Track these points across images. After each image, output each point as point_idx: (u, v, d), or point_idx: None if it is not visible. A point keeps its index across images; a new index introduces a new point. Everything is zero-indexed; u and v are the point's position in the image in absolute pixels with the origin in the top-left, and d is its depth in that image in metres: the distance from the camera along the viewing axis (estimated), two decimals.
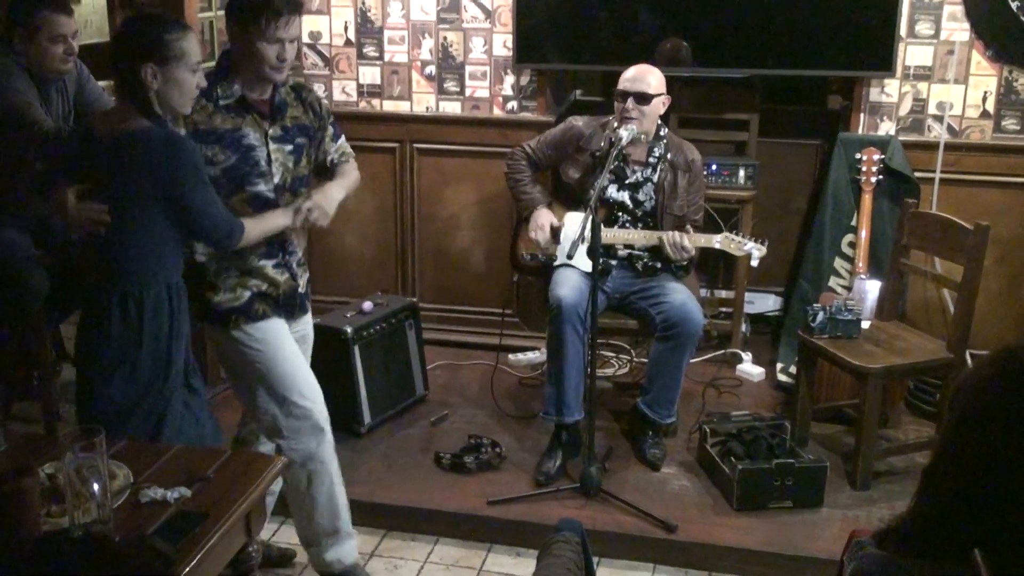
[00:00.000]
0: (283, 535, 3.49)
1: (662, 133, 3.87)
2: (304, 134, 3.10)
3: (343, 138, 3.25)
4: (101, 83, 4.03)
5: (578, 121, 3.97)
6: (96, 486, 1.99)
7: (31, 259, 3.71)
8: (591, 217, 3.32)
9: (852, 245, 4.42)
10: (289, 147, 3.04)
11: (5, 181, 3.66)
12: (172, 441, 2.65)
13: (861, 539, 1.71)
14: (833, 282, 4.45)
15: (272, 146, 2.99)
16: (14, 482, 1.92)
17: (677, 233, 3.65)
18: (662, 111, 3.80)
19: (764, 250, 3.69)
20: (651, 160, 3.85)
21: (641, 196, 3.86)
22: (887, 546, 1.56)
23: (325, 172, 3.22)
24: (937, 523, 1.49)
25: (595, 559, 3.19)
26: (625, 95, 3.72)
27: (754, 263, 3.73)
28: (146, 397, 2.72)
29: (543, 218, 3.87)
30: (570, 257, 3.34)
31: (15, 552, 1.91)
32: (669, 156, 3.85)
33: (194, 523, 2.11)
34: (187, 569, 1.99)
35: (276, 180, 3.01)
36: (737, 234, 3.78)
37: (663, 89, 3.76)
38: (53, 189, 2.78)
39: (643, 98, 3.70)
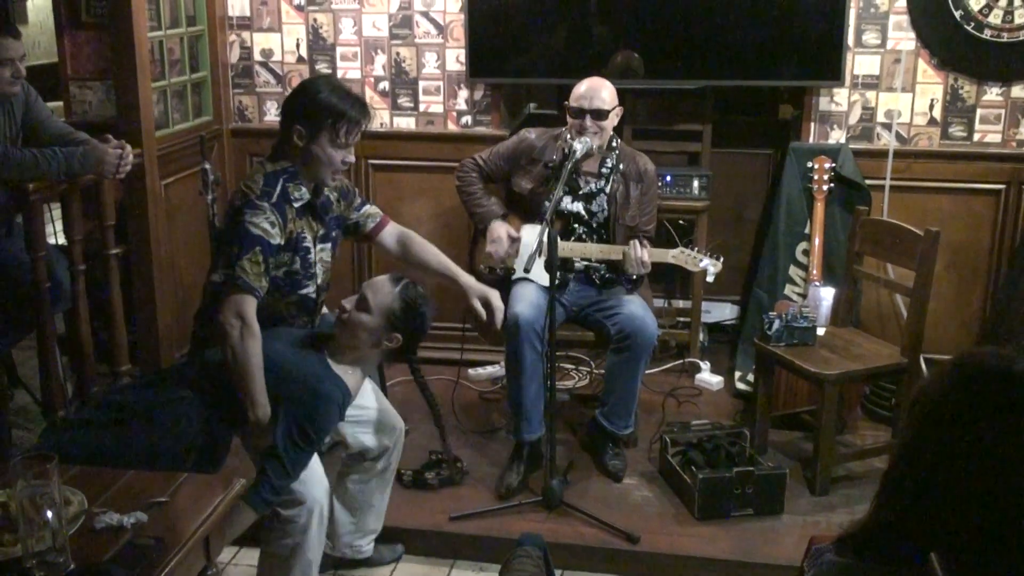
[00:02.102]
0: (244, 558, 3.45)
1: (614, 144, 3.89)
2: (338, 225, 3.18)
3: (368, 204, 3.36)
4: (49, 104, 3.98)
5: (531, 133, 3.98)
6: (50, 513, 1.95)
7: None
8: (547, 230, 3.32)
9: (806, 253, 4.46)
10: (328, 244, 3.11)
11: None
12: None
13: (820, 546, 1.73)
14: (788, 290, 4.49)
15: (318, 246, 3.04)
16: None
17: (639, 246, 3.66)
18: (616, 122, 3.82)
19: (720, 266, 3.71)
20: (603, 171, 3.86)
21: (594, 207, 3.87)
22: (846, 552, 1.58)
23: (360, 236, 3.36)
24: (895, 528, 1.51)
25: (558, 572, 3.19)
26: (581, 112, 3.72)
27: (710, 279, 3.75)
28: None
29: (499, 230, 3.87)
30: (527, 271, 3.35)
31: None
32: (621, 167, 3.86)
33: (152, 549, 2.08)
34: None
35: (319, 281, 3.07)
36: (692, 248, 3.80)
37: (616, 101, 3.78)
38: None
39: (599, 114, 3.71)
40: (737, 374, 4.58)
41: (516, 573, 1.91)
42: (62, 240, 4.00)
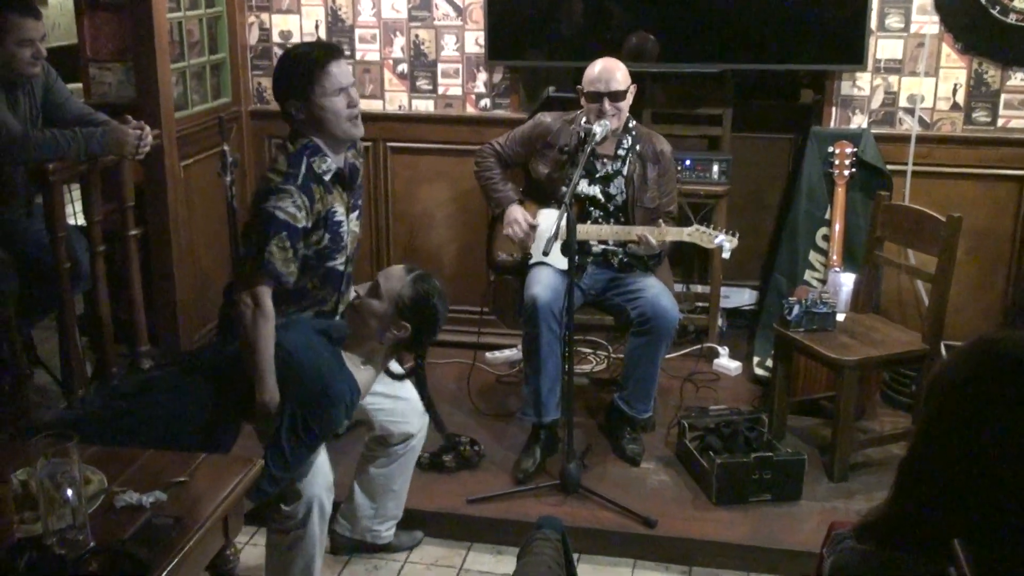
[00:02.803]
0: (261, 538, 3.45)
1: (631, 125, 3.87)
2: (362, 192, 3.18)
3: None
4: (69, 86, 3.98)
5: (547, 117, 3.96)
6: (70, 492, 1.96)
7: (1, 262, 3.66)
8: (566, 214, 3.31)
9: (826, 238, 4.43)
10: (357, 212, 3.09)
11: None
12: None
13: (840, 532, 1.72)
14: (808, 275, 4.46)
15: (350, 216, 3.04)
16: None
17: (648, 233, 3.64)
18: (631, 101, 3.80)
19: (735, 241, 3.69)
20: (620, 153, 3.84)
21: (612, 190, 3.85)
22: (866, 539, 1.56)
23: None
24: (916, 515, 1.49)
25: (575, 556, 3.18)
26: (599, 96, 3.70)
27: (725, 255, 3.73)
28: None
29: (516, 213, 3.86)
30: (546, 254, 3.33)
31: None
32: (638, 148, 3.84)
33: (171, 527, 2.08)
34: (165, 574, 1.97)
35: (348, 252, 3.06)
36: (708, 226, 3.78)
37: (629, 80, 3.75)
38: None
39: (617, 96, 3.69)
40: (755, 359, 4.56)
41: (535, 556, 1.91)
42: (82, 221, 4.02)
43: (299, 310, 3.07)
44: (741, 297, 5.09)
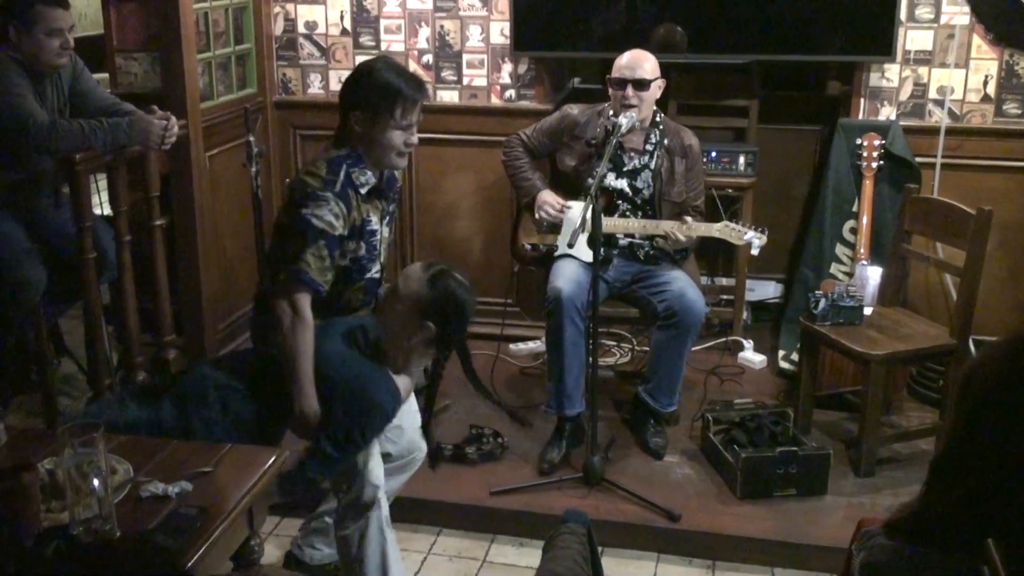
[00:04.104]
0: (285, 528, 3.47)
1: (658, 119, 3.85)
2: (396, 199, 3.13)
3: None
4: (95, 76, 3.99)
5: (573, 109, 3.94)
6: (96, 481, 1.96)
7: (29, 252, 3.69)
8: (591, 206, 3.29)
9: (853, 231, 4.39)
10: (388, 219, 3.06)
11: (2, 173, 3.64)
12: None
13: (870, 528, 1.70)
14: (834, 269, 4.43)
15: (384, 225, 3.01)
16: (15, 478, 1.90)
17: (676, 228, 3.62)
18: (658, 95, 3.78)
19: (764, 239, 3.67)
20: (648, 147, 3.82)
21: (639, 183, 3.84)
22: (897, 536, 1.55)
23: None
24: (949, 513, 1.48)
25: (599, 549, 3.18)
26: (623, 83, 3.69)
27: (754, 252, 3.70)
28: None
29: (548, 195, 3.85)
30: (571, 246, 3.32)
31: (16, 548, 1.89)
32: (666, 142, 3.82)
33: (196, 518, 2.09)
34: (190, 564, 1.97)
35: (382, 259, 3.04)
36: (737, 222, 3.75)
37: (658, 72, 3.73)
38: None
39: (641, 84, 3.68)
40: (781, 353, 4.53)
41: (560, 550, 1.90)
42: (108, 211, 4.04)
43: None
44: (766, 290, 5.06)
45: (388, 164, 2.96)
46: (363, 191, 2.91)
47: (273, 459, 2.38)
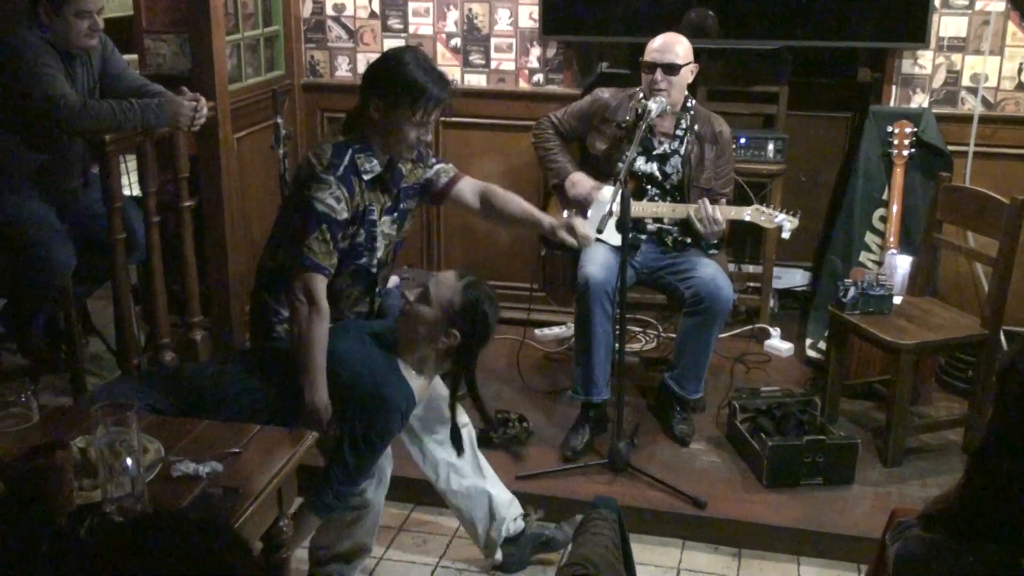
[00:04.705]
0: None
1: (689, 104, 3.82)
2: (409, 195, 3.08)
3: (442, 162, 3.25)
4: (125, 57, 4.00)
5: (604, 93, 3.92)
6: (129, 460, 1.97)
7: (59, 233, 3.71)
8: (621, 190, 3.27)
9: (883, 219, 4.36)
10: (394, 215, 3.03)
11: (32, 154, 3.65)
12: None
13: (905, 519, 1.69)
14: (864, 257, 4.39)
15: (383, 219, 2.98)
16: (49, 456, 1.91)
17: (708, 203, 3.61)
18: (690, 79, 3.75)
19: (796, 222, 3.65)
20: (678, 132, 3.80)
21: (668, 168, 3.82)
22: (934, 528, 1.54)
23: (438, 197, 3.23)
24: (988, 506, 1.46)
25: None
26: (653, 66, 3.67)
27: (785, 235, 3.69)
28: None
29: (580, 176, 3.84)
30: (600, 231, 3.30)
31: (49, 526, 1.90)
32: (696, 128, 3.80)
33: (227, 498, 2.10)
34: None
35: (379, 254, 3.01)
36: (768, 206, 3.73)
37: (690, 57, 3.70)
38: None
39: (671, 68, 3.65)
40: (808, 341, 4.50)
41: (592, 536, 1.90)
42: (136, 192, 4.05)
43: (338, 312, 3.02)
44: (793, 278, 5.03)
45: (396, 153, 2.95)
46: (366, 178, 2.90)
47: (302, 441, 2.38)
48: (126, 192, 4.04)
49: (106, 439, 1.98)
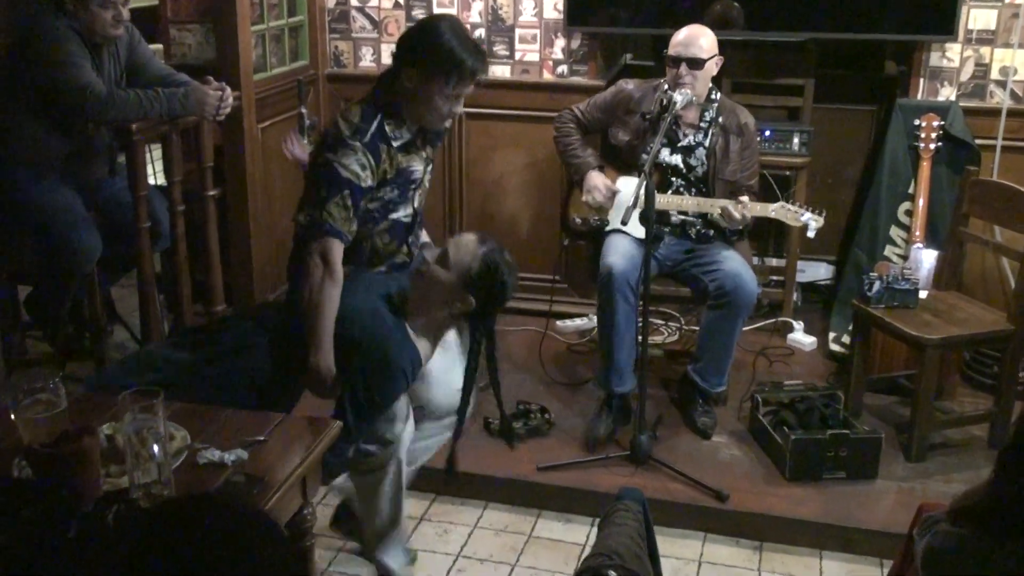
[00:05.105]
0: (334, 498, 3.49)
1: (714, 96, 3.80)
2: (432, 143, 3.07)
3: None
4: (150, 47, 4.02)
5: (628, 84, 3.91)
6: (156, 447, 1.98)
7: (85, 220, 3.73)
8: (646, 182, 3.26)
9: (909, 213, 4.33)
10: (431, 165, 3.03)
11: (59, 142, 3.67)
12: None
13: (933, 514, 1.68)
14: (889, 251, 4.37)
15: (427, 170, 2.99)
16: (77, 442, 1.92)
17: (731, 205, 3.59)
18: (715, 71, 3.73)
19: (822, 221, 3.63)
20: (703, 124, 3.78)
21: (693, 161, 3.80)
22: (963, 523, 1.53)
23: None
24: (1018, 502, 1.45)
25: None
26: (677, 60, 3.65)
27: (810, 234, 3.66)
28: None
29: (596, 179, 3.82)
30: (624, 223, 3.29)
31: (77, 511, 1.91)
32: (721, 120, 3.78)
33: (251, 485, 2.11)
34: None
35: (415, 204, 2.99)
36: (793, 203, 3.71)
37: (715, 50, 3.68)
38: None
39: (696, 63, 3.63)
40: (831, 335, 4.48)
41: (617, 527, 1.90)
42: (162, 181, 4.07)
43: (371, 265, 3.00)
44: (817, 271, 5.01)
45: (427, 124, 2.92)
46: (395, 144, 2.86)
47: (327, 430, 2.39)
48: (151, 181, 4.06)
49: (133, 426, 1.99)
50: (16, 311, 4.13)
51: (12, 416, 2.17)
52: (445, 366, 3.01)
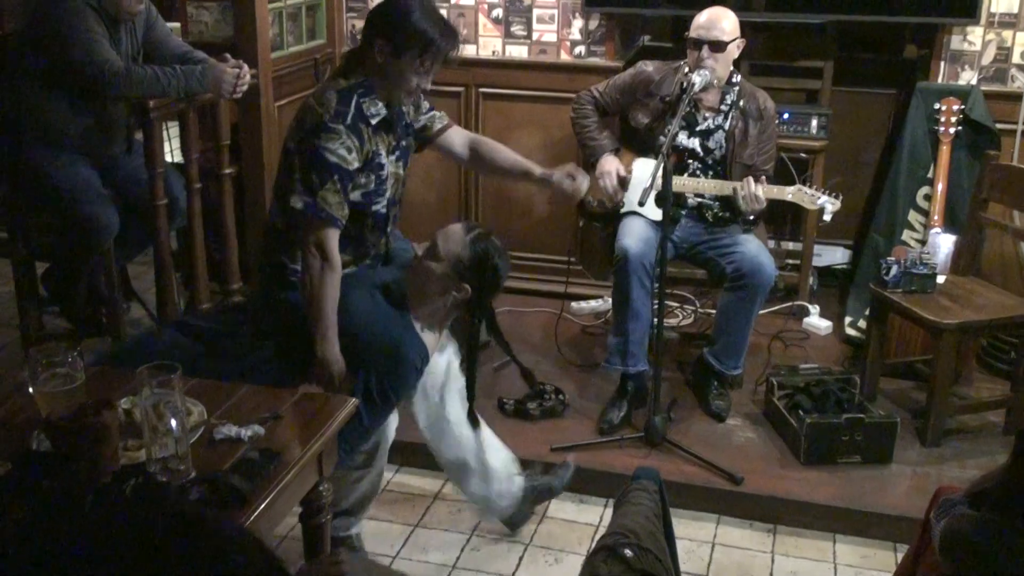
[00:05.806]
0: None
1: (735, 79, 3.78)
2: (408, 133, 3.04)
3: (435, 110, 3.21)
4: (168, 24, 4.01)
5: (648, 66, 3.88)
6: (173, 422, 1.99)
7: (102, 196, 3.73)
8: (663, 164, 3.25)
9: (927, 197, 4.30)
10: (397, 154, 2.99)
11: (77, 118, 3.68)
12: None
13: (951, 497, 1.67)
14: (906, 235, 4.34)
15: (390, 158, 2.94)
16: (95, 415, 1.93)
17: (752, 182, 3.57)
18: (736, 54, 3.71)
19: (838, 204, 3.61)
20: (723, 107, 3.76)
21: (711, 144, 3.78)
22: (981, 506, 1.52)
23: (427, 142, 3.18)
24: None
25: None
26: (699, 43, 3.62)
27: (827, 217, 3.65)
28: None
29: (609, 165, 3.80)
30: (642, 204, 3.28)
31: (95, 484, 1.92)
32: (741, 103, 3.76)
33: (268, 461, 2.11)
34: (261, 506, 2.00)
35: (388, 195, 2.96)
36: (810, 187, 3.69)
37: (737, 33, 3.66)
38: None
39: (718, 45, 3.61)
40: (847, 319, 4.46)
41: (633, 506, 1.90)
42: (178, 158, 4.07)
43: (355, 258, 2.99)
44: (833, 255, 4.99)
45: (396, 99, 2.90)
46: (373, 122, 2.84)
47: (344, 406, 2.39)
48: (168, 159, 4.06)
49: (151, 400, 2.00)
50: (34, 287, 4.15)
51: (31, 389, 2.18)
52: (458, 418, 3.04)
